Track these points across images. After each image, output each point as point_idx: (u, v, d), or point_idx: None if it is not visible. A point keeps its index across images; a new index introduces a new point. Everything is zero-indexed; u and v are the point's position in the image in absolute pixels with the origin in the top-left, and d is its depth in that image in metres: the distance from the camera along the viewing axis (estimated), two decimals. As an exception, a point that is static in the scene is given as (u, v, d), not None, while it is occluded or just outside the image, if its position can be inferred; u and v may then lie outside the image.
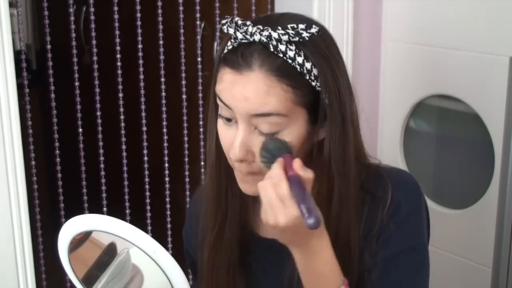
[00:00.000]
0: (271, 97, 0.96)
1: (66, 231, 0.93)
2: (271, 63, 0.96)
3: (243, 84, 0.96)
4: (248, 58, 0.96)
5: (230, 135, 1.00)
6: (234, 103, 0.97)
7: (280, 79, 0.96)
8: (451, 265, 1.85)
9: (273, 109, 0.96)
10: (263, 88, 0.95)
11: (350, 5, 1.89)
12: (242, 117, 0.97)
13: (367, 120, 1.16)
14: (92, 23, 1.75)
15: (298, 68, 0.97)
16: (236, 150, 0.98)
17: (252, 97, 0.95)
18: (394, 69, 1.96)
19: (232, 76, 0.97)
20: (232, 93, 0.97)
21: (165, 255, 0.87)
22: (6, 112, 1.44)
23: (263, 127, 0.97)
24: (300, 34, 0.96)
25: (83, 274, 0.95)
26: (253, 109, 0.96)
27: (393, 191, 1.05)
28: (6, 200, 1.47)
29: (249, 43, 0.97)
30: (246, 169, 1.00)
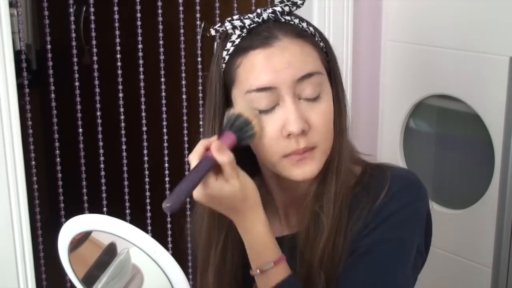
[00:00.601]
0: (307, 57, 1.01)
1: (66, 231, 0.93)
2: (290, 29, 1.02)
3: (279, 54, 1.00)
4: (270, 31, 1.02)
5: (275, 123, 1.01)
6: (277, 75, 0.99)
7: (305, 40, 1.02)
8: (451, 265, 1.85)
9: (313, 68, 1.01)
10: (298, 50, 1.00)
11: (350, 5, 1.89)
12: (289, 87, 0.99)
13: (367, 120, 1.17)
14: (92, 23, 1.75)
15: (308, 31, 1.04)
16: (295, 122, 0.99)
17: (294, 61, 1.00)
18: (394, 69, 1.96)
19: (264, 53, 1.00)
20: (272, 67, 0.99)
21: (165, 255, 0.87)
22: (6, 112, 1.44)
23: (308, 92, 1.01)
24: (296, 3, 1.04)
25: (83, 274, 0.95)
26: (297, 72, 1.00)
27: (390, 186, 1.06)
28: (6, 200, 1.47)
29: (260, 24, 1.03)
30: (304, 143, 1.00)
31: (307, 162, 1.02)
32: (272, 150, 1.02)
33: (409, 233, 1.06)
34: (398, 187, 1.07)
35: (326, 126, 1.02)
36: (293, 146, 1.00)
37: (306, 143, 1.00)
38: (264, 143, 1.01)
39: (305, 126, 1.00)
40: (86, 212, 1.85)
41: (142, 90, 1.84)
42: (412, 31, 1.89)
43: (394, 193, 1.05)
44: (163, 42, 1.81)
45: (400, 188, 1.07)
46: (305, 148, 1.00)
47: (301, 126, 0.99)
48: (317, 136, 1.01)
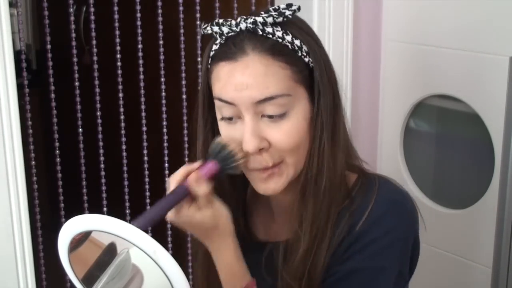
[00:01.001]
0: (270, 78, 0.96)
1: (66, 231, 0.93)
2: (262, 44, 0.97)
3: (241, 70, 0.97)
4: (240, 45, 0.98)
5: (236, 133, 1.00)
6: (236, 94, 0.97)
7: (275, 58, 0.97)
8: (451, 265, 1.85)
9: (275, 91, 0.96)
10: (261, 70, 0.96)
11: (350, 5, 1.89)
12: (247, 107, 0.97)
13: (367, 120, 1.17)
14: (92, 23, 1.75)
15: (289, 45, 0.98)
16: (249, 141, 0.97)
17: (253, 83, 0.96)
18: (394, 69, 1.96)
19: (228, 66, 0.98)
20: (232, 85, 0.97)
21: (165, 255, 0.87)
22: (6, 112, 1.44)
23: (270, 111, 0.97)
24: (283, 13, 0.98)
25: (83, 274, 0.95)
26: (256, 95, 0.96)
27: (373, 208, 1.02)
28: (6, 200, 1.47)
29: (237, 34, 0.99)
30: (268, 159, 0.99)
31: (274, 178, 1.01)
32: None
33: (390, 262, 1.03)
34: (382, 211, 1.02)
35: (290, 143, 0.99)
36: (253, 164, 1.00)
37: (269, 159, 0.99)
38: None
39: (262, 144, 0.98)
40: (86, 212, 1.85)
41: (142, 90, 1.84)
42: (412, 31, 1.89)
43: (377, 218, 1.02)
44: (163, 42, 1.81)
45: (383, 213, 1.02)
46: (273, 164, 1.00)
47: (255, 145, 0.97)
48: (279, 152, 0.99)
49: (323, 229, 1.03)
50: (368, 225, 1.02)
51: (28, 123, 1.65)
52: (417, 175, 1.96)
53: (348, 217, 1.03)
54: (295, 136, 0.99)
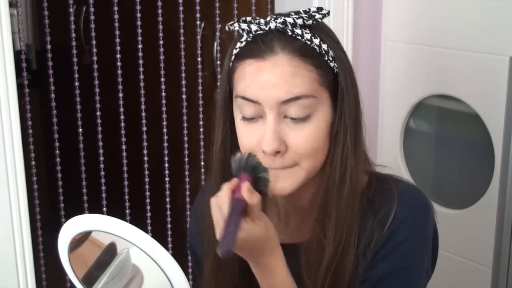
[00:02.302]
0: (298, 79, 0.96)
1: (66, 231, 0.93)
2: (291, 45, 0.97)
3: (269, 69, 0.97)
4: (269, 43, 0.98)
5: (256, 134, 0.99)
6: (262, 93, 0.97)
7: (303, 59, 0.97)
8: (451, 265, 1.85)
9: (302, 91, 0.96)
10: (289, 70, 0.96)
11: (350, 5, 1.89)
12: (272, 106, 0.97)
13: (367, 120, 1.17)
14: (92, 23, 1.75)
15: (317, 49, 0.98)
16: (270, 142, 0.97)
17: (281, 82, 0.96)
18: (394, 69, 1.96)
19: (256, 64, 0.98)
20: (259, 83, 0.97)
21: (165, 255, 0.87)
22: (6, 112, 1.44)
23: (294, 112, 0.97)
24: (313, 16, 0.99)
25: (83, 274, 0.95)
26: (283, 95, 0.96)
27: (397, 209, 1.03)
28: (6, 200, 1.47)
29: (266, 33, 0.99)
30: (280, 162, 0.98)
31: (281, 177, 1.00)
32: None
33: (419, 261, 1.05)
34: (406, 211, 1.03)
35: (308, 148, 0.99)
36: (269, 163, 0.98)
37: (282, 162, 0.99)
38: (244, 151, 1.01)
39: (281, 147, 0.97)
40: (86, 212, 1.86)
41: (142, 90, 1.84)
42: (412, 31, 1.89)
43: (403, 219, 1.03)
44: (163, 42, 1.81)
45: (408, 212, 1.03)
46: (281, 167, 0.99)
47: (274, 147, 0.97)
48: (294, 158, 0.99)
49: (347, 236, 1.02)
50: (395, 227, 1.02)
51: (28, 123, 1.65)
52: (417, 175, 1.96)
53: (373, 221, 1.03)
54: (315, 141, 0.99)
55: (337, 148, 1.01)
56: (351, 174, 1.01)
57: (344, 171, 1.01)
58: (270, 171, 0.98)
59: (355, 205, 1.03)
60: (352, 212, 1.03)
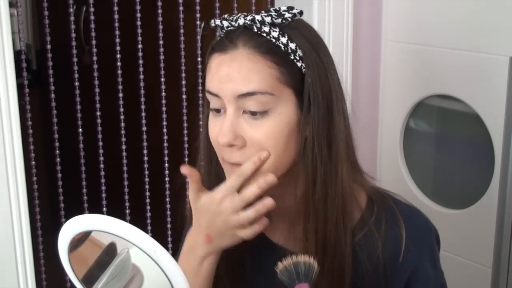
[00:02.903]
0: (255, 74, 0.96)
1: (66, 231, 0.93)
2: (255, 41, 0.98)
3: (228, 63, 0.98)
4: (234, 39, 0.99)
5: (218, 125, 1.00)
6: (220, 86, 0.98)
7: (264, 55, 0.97)
8: (451, 265, 1.85)
9: (257, 87, 0.96)
10: (247, 65, 0.97)
11: (350, 5, 1.89)
12: (229, 100, 0.97)
13: (367, 120, 1.16)
14: (92, 23, 1.75)
15: (282, 47, 0.98)
16: (224, 133, 0.97)
17: (237, 76, 0.97)
18: (394, 69, 1.96)
19: (218, 58, 0.99)
20: (218, 76, 0.98)
21: (165, 255, 0.87)
22: (6, 112, 1.44)
23: (251, 106, 0.97)
24: (283, 15, 0.99)
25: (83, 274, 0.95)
26: (238, 89, 0.96)
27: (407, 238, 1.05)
28: (6, 200, 1.47)
29: (235, 29, 1.00)
30: (236, 157, 0.98)
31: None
32: (215, 149, 1.03)
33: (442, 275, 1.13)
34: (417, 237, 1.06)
35: (268, 144, 0.97)
36: (226, 156, 1.00)
37: (237, 158, 0.98)
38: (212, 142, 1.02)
39: (236, 141, 0.97)
40: (86, 212, 1.85)
41: (142, 90, 1.84)
42: (412, 31, 1.89)
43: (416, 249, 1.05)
44: (163, 42, 1.81)
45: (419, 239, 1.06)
46: (234, 163, 0.99)
47: (229, 138, 0.97)
48: (253, 152, 0.98)
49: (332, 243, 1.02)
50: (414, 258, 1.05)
51: (28, 123, 1.65)
52: (417, 175, 1.96)
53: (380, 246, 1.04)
54: (273, 137, 0.98)
55: (306, 154, 1.00)
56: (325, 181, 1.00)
57: (317, 178, 1.00)
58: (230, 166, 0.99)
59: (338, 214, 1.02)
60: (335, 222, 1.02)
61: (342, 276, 1.02)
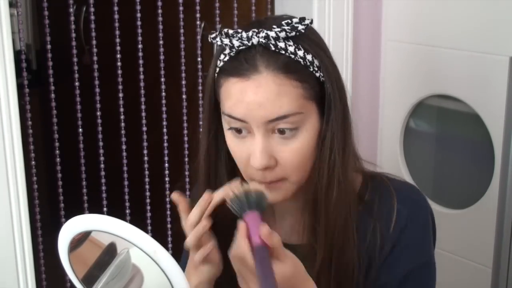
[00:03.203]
0: (283, 98, 0.95)
1: (66, 231, 0.93)
2: (275, 62, 0.96)
3: (254, 89, 0.95)
4: (252, 61, 0.96)
5: (245, 147, 0.99)
6: (249, 113, 0.96)
7: (288, 76, 0.96)
8: (451, 265, 1.85)
9: (288, 110, 0.96)
10: (274, 89, 0.95)
11: (350, 5, 1.89)
12: (258, 125, 0.96)
13: (367, 120, 1.17)
14: (92, 23, 1.75)
15: (301, 61, 0.97)
16: (258, 158, 0.96)
17: (266, 102, 0.95)
18: (394, 69, 1.96)
19: (241, 84, 0.96)
20: (244, 103, 0.96)
21: (165, 255, 0.87)
22: (6, 112, 1.44)
23: (282, 128, 0.97)
24: (296, 27, 0.97)
25: (83, 274, 0.95)
26: (269, 115, 0.95)
27: (399, 209, 1.05)
28: (6, 200, 1.47)
29: (248, 48, 0.97)
30: (271, 176, 0.99)
31: (273, 190, 1.00)
32: (243, 171, 1.02)
33: (430, 255, 1.08)
34: (409, 209, 1.05)
35: (297, 162, 0.99)
36: (259, 177, 0.99)
37: (272, 177, 0.99)
38: (237, 161, 1.02)
39: (270, 162, 0.98)
40: (86, 212, 1.85)
41: (142, 90, 1.84)
42: (412, 31, 1.89)
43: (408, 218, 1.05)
44: (163, 42, 1.81)
45: (411, 211, 1.06)
46: (270, 181, 0.99)
47: (265, 163, 0.97)
48: (284, 171, 0.99)
49: (340, 239, 1.03)
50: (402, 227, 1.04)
51: (28, 123, 1.65)
52: (417, 175, 1.96)
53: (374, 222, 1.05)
54: (303, 154, 0.99)
55: (324, 154, 1.01)
56: (339, 178, 1.01)
57: (331, 176, 1.01)
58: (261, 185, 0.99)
59: (346, 208, 1.03)
60: (344, 216, 1.03)
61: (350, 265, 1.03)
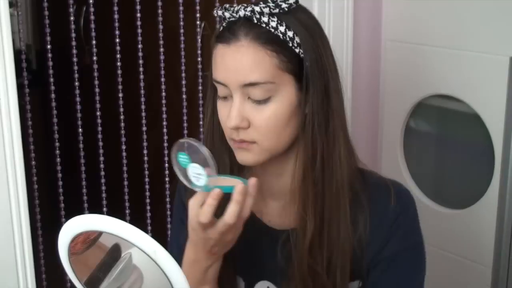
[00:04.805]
0: (258, 65, 1.04)
1: (66, 231, 0.93)
2: (255, 32, 1.05)
3: (232, 54, 1.05)
4: (235, 31, 1.06)
5: (227, 110, 1.08)
6: (226, 75, 1.06)
7: (264, 46, 1.05)
8: (451, 265, 1.85)
9: (260, 78, 1.04)
10: (250, 57, 1.04)
11: (350, 5, 1.89)
12: (235, 88, 1.06)
13: (367, 120, 1.19)
14: (92, 23, 1.75)
15: (281, 36, 1.06)
16: (232, 118, 1.06)
17: (241, 68, 1.04)
18: (394, 69, 1.96)
19: (222, 50, 1.07)
20: (224, 66, 1.06)
21: (165, 255, 0.87)
22: (6, 112, 1.44)
23: (255, 95, 1.06)
24: (280, 5, 1.06)
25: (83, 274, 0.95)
26: (242, 79, 1.05)
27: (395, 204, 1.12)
28: (6, 200, 1.47)
29: (236, 20, 1.07)
30: (241, 135, 1.07)
31: (244, 151, 1.09)
32: (224, 131, 1.11)
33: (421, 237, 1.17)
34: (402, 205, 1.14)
35: (268, 128, 1.06)
36: (233, 135, 1.08)
37: (243, 136, 1.07)
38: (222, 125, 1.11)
39: (242, 123, 1.06)
40: (86, 212, 1.86)
41: (142, 90, 1.84)
42: (412, 31, 1.89)
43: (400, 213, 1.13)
44: (163, 42, 1.81)
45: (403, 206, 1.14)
46: (240, 140, 1.08)
47: (237, 122, 1.06)
48: (256, 133, 1.07)
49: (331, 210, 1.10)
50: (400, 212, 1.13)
51: (28, 123, 1.65)
52: (417, 175, 1.96)
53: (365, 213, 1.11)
54: (276, 121, 1.07)
55: (306, 130, 1.08)
56: (322, 155, 1.09)
57: (315, 151, 1.08)
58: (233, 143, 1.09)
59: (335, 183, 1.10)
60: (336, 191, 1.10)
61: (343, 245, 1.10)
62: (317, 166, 1.09)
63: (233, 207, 1.01)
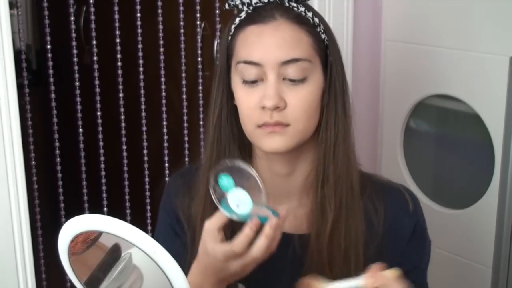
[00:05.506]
0: (297, 42, 1.05)
1: (66, 231, 0.93)
2: (290, 13, 1.07)
3: (271, 32, 1.05)
4: (270, 11, 1.07)
5: (256, 96, 1.06)
6: (265, 55, 1.04)
7: (301, 26, 1.07)
8: (451, 265, 1.85)
9: (300, 54, 1.05)
10: (290, 34, 1.05)
11: (350, 5, 1.89)
12: (272, 67, 1.04)
13: (367, 120, 1.19)
14: (92, 23, 1.75)
15: (310, 20, 1.08)
16: (270, 97, 1.03)
17: (282, 44, 1.04)
18: (394, 69, 1.96)
19: (258, 29, 1.06)
20: (262, 44, 1.05)
21: (165, 255, 0.87)
22: (6, 112, 1.44)
23: (292, 74, 1.05)
24: None
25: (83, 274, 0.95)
26: (283, 56, 1.04)
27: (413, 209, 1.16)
28: (6, 200, 1.47)
29: (264, 5, 1.08)
30: (278, 116, 1.05)
31: (277, 136, 1.06)
32: (249, 119, 1.07)
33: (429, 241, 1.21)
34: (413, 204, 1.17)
35: (303, 108, 1.06)
36: (266, 118, 1.05)
37: (279, 118, 1.05)
38: (244, 112, 1.08)
39: (280, 103, 1.04)
40: (86, 212, 1.86)
41: (142, 90, 1.84)
42: (412, 31, 1.89)
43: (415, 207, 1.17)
44: (163, 42, 1.81)
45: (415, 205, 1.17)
46: (276, 122, 1.05)
47: (275, 102, 1.03)
48: (291, 114, 1.05)
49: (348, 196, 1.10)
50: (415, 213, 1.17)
51: (28, 123, 1.66)
52: (417, 175, 1.96)
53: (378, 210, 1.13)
54: (310, 103, 1.06)
55: (330, 115, 1.09)
56: (344, 137, 1.10)
57: (336, 135, 1.09)
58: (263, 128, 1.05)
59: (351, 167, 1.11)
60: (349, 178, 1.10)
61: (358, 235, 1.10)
62: (341, 148, 1.09)
63: (264, 241, 0.96)
